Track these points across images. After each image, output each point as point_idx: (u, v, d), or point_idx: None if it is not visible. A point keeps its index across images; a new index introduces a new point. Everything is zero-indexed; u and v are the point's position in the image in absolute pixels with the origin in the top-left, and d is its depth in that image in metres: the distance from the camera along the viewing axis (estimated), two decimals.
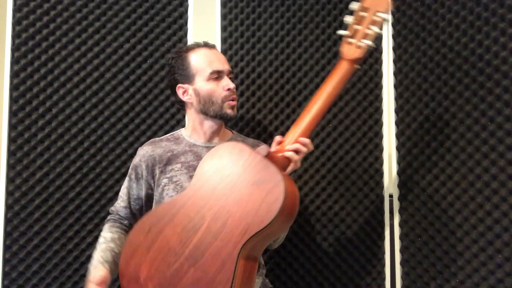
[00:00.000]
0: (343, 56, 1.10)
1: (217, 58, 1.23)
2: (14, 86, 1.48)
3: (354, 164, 1.55)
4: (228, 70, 1.24)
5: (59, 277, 1.49)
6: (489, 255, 1.30)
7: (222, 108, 1.21)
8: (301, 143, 1.05)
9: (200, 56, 1.22)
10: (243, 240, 0.96)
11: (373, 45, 1.08)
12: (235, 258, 0.95)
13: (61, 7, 1.51)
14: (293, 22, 1.57)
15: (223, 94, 1.20)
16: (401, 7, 1.52)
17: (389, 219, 1.55)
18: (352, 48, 1.09)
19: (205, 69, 1.20)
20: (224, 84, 1.21)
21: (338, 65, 1.10)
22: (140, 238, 1.07)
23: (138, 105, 1.54)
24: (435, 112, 1.43)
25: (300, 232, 1.53)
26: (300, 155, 1.06)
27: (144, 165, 1.25)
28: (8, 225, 1.47)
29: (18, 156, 1.47)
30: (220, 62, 1.22)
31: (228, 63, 1.27)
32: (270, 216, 0.95)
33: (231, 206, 1.00)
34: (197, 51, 1.23)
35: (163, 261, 1.02)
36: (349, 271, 1.54)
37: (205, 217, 1.02)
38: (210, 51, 1.24)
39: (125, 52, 1.54)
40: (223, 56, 1.28)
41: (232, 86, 1.21)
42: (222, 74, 1.22)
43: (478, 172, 1.33)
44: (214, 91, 1.20)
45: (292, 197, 0.99)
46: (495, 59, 1.29)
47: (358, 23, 1.09)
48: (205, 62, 1.21)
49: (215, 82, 1.21)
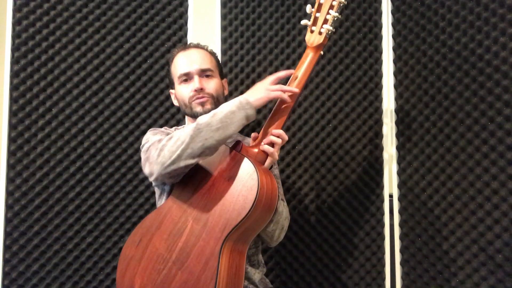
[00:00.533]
0: (307, 45, 1.11)
1: (187, 60, 1.21)
2: (14, 86, 1.48)
3: (354, 164, 1.55)
4: (198, 69, 1.20)
5: (59, 277, 1.49)
6: (489, 255, 1.30)
7: (191, 108, 1.21)
8: (274, 135, 1.06)
9: (175, 61, 1.24)
10: (223, 236, 0.97)
11: (333, 29, 1.08)
12: (217, 255, 0.96)
13: (61, 7, 1.51)
14: (293, 22, 1.57)
15: (189, 95, 1.20)
16: (401, 7, 1.52)
17: (389, 219, 1.55)
18: (314, 35, 1.10)
19: (176, 74, 1.23)
20: (191, 85, 1.20)
21: (304, 55, 1.11)
22: (132, 250, 1.08)
23: (138, 105, 1.54)
24: (435, 112, 1.43)
25: (300, 232, 1.53)
26: (276, 147, 1.06)
27: None
28: (8, 225, 1.47)
29: (18, 156, 1.48)
30: (188, 64, 1.21)
31: (204, 61, 1.22)
32: (247, 207, 0.95)
33: (211, 205, 1.01)
34: (175, 56, 1.25)
35: (153, 269, 1.03)
36: (349, 271, 1.54)
37: (188, 219, 1.03)
38: (184, 53, 1.23)
39: (125, 52, 1.54)
40: (199, 55, 1.23)
41: (197, 86, 1.18)
42: (191, 75, 1.21)
43: (478, 172, 1.33)
44: (183, 94, 1.22)
45: (268, 188, 0.99)
46: (495, 59, 1.29)
47: (318, 10, 1.10)
48: (176, 67, 1.23)
49: (186, 84, 1.22)
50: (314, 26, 1.10)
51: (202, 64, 1.22)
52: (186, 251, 1.00)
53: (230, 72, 1.56)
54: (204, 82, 1.21)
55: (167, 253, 1.02)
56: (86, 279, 1.50)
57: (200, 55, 1.23)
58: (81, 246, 1.50)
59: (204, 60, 1.23)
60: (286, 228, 1.20)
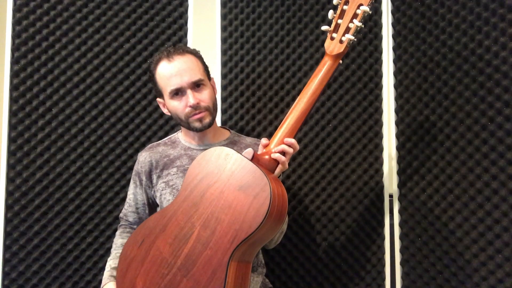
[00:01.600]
0: (326, 52, 1.07)
1: (176, 73, 1.14)
2: (14, 86, 1.48)
3: (354, 164, 1.55)
4: (190, 82, 1.14)
5: (59, 277, 1.49)
6: (489, 255, 1.30)
7: (188, 124, 1.17)
8: (287, 144, 1.03)
9: (161, 72, 1.16)
10: (232, 247, 0.95)
11: (355, 39, 1.05)
12: (225, 266, 0.94)
13: (61, 7, 1.51)
14: (293, 22, 1.57)
15: (185, 111, 1.15)
16: (401, 7, 1.52)
17: (389, 219, 1.55)
18: (334, 43, 1.06)
19: (166, 88, 1.16)
20: (186, 101, 1.15)
21: (322, 62, 1.08)
22: (134, 250, 1.07)
23: (138, 105, 1.54)
24: (435, 112, 1.43)
25: (300, 232, 1.53)
26: (287, 156, 1.03)
27: (143, 171, 1.26)
28: (8, 225, 1.47)
29: (18, 156, 1.47)
30: (177, 77, 1.14)
31: (193, 71, 1.16)
32: (258, 221, 0.93)
33: (219, 213, 0.98)
34: (159, 66, 1.17)
35: (156, 272, 1.02)
36: (349, 271, 1.54)
37: (194, 225, 1.01)
38: (169, 64, 1.15)
39: (125, 52, 1.54)
40: (187, 65, 1.16)
41: (193, 102, 1.13)
42: (183, 89, 1.14)
43: (478, 172, 1.33)
44: (177, 109, 1.16)
45: (279, 200, 0.98)
46: (495, 59, 1.29)
47: (340, 17, 1.06)
48: (164, 80, 1.16)
49: (179, 98, 1.16)
50: (335, 33, 1.06)
51: (193, 75, 1.15)
52: (192, 259, 0.99)
53: (230, 72, 1.55)
54: (198, 95, 1.16)
55: (172, 258, 1.01)
56: (86, 279, 1.50)
57: (187, 65, 1.15)
58: (81, 246, 1.50)
59: (193, 70, 1.16)
60: (284, 231, 1.20)
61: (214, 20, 1.58)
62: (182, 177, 1.21)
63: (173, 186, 1.21)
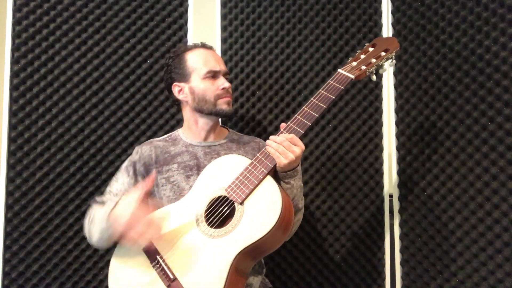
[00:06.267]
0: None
1: (214, 59, 1.25)
2: (14, 86, 1.48)
3: (354, 164, 1.55)
4: (224, 71, 1.25)
5: (59, 277, 1.49)
6: (489, 255, 1.30)
7: (216, 105, 1.22)
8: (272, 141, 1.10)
9: (197, 55, 1.24)
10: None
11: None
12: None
13: (61, 7, 1.51)
14: (293, 22, 1.57)
15: (216, 92, 1.22)
16: (401, 7, 1.52)
17: (389, 219, 1.55)
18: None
19: (201, 68, 1.22)
20: (220, 83, 1.22)
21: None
22: None
23: (138, 105, 1.54)
24: (435, 112, 1.43)
25: (300, 232, 1.53)
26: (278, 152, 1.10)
27: (142, 162, 1.25)
28: (8, 225, 1.47)
29: (18, 156, 1.47)
30: (216, 62, 1.24)
31: (225, 64, 1.28)
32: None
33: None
34: (194, 51, 1.25)
35: None
36: (349, 271, 1.54)
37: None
38: (207, 51, 1.26)
39: (125, 52, 1.54)
40: (220, 57, 1.29)
41: (227, 86, 1.23)
42: (217, 74, 1.23)
43: (478, 172, 1.33)
44: (208, 89, 1.22)
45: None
46: (495, 59, 1.29)
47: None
48: (201, 61, 1.23)
49: (211, 81, 1.22)
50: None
51: (225, 67, 1.28)
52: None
53: (230, 72, 1.55)
54: None
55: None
56: (86, 279, 1.50)
57: (220, 58, 1.29)
58: (81, 246, 1.50)
59: (224, 64, 1.28)
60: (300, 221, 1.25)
61: (214, 20, 1.58)
62: (182, 173, 1.21)
63: (174, 182, 1.21)
